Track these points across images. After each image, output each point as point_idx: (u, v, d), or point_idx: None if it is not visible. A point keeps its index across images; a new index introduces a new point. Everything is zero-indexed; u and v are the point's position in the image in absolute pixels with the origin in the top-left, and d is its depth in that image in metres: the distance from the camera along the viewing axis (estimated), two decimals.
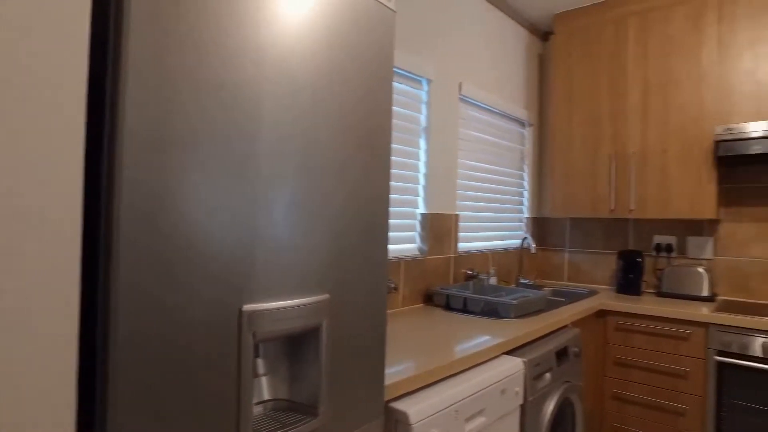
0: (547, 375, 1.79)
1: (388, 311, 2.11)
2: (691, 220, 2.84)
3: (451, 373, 1.44)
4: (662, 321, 2.40)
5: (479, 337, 1.70)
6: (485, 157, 2.85)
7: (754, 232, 2.68)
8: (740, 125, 2.36)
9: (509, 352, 1.72)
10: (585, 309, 2.35)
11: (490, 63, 2.84)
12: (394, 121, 2.19)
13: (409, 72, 2.23)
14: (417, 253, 2.34)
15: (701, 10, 2.57)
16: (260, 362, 1.00)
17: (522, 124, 3.25)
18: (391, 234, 2.19)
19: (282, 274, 0.91)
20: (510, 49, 3.04)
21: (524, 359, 1.67)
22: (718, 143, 2.42)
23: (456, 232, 2.54)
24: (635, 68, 2.75)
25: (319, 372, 0.99)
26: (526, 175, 3.29)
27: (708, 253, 2.80)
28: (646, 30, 2.73)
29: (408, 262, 2.23)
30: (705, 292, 2.64)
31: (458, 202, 2.60)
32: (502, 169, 3.01)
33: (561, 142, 3.00)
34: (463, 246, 2.65)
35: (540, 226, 3.42)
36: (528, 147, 3.30)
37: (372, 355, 1.13)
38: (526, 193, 3.29)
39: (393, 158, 2.19)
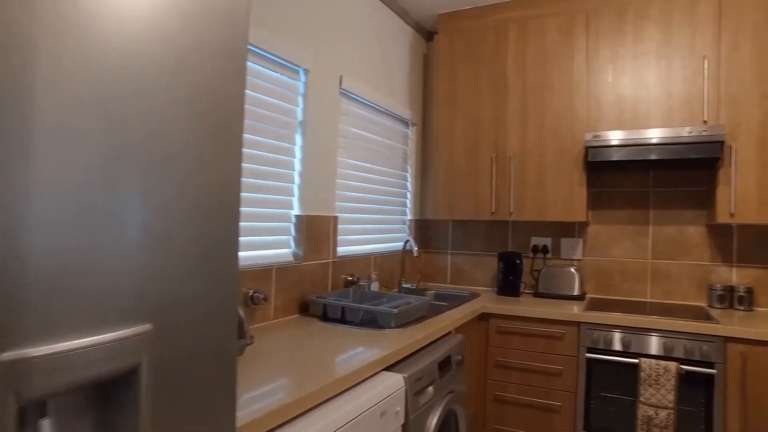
0: (430, 389, 1.67)
1: (257, 325, 1.86)
2: (565, 222, 2.94)
3: (325, 398, 1.25)
4: (539, 322, 2.43)
5: (358, 351, 1.53)
6: (367, 156, 2.71)
7: (616, 233, 2.84)
8: (605, 133, 2.47)
9: (390, 367, 1.57)
10: (468, 313, 2.30)
11: (373, 58, 2.70)
12: (266, 113, 1.95)
13: (285, 60, 2.00)
14: (291, 258, 2.11)
15: (572, 23, 2.66)
16: (46, 424, 0.72)
17: (406, 123, 3.17)
18: (261, 238, 1.95)
19: (72, 301, 0.65)
20: (394, 46, 2.94)
21: (405, 375, 1.53)
22: (587, 149, 2.51)
23: (335, 235, 2.36)
24: (515, 73, 2.79)
25: (136, 427, 0.74)
26: (409, 176, 3.22)
27: (578, 253, 2.93)
28: (524, 37, 2.77)
29: (281, 269, 2.00)
30: (576, 292, 2.74)
31: (338, 204, 2.42)
32: (384, 169, 2.89)
33: (444, 143, 2.96)
34: (342, 250, 2.48)
35: (423, 228, 3.37)
36: (411, 147, 3.22)
37: (218, 394, 0.90)
38: (409, 195, 3.22)
39: (264, 154, 1.95)
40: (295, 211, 2.14)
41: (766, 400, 2.05)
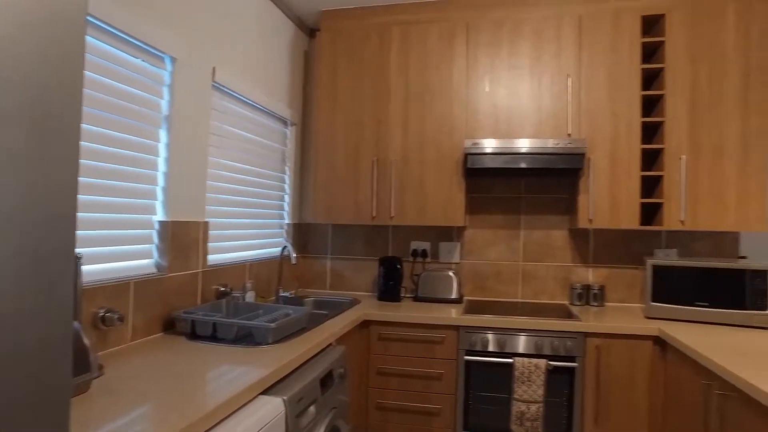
0: (312, 408, 1.56)
1: (111, 350, 1.60)
2: (443, 226, 3.01)
3: None
4: (420, 327, 2.43)
5: (232, 375, 1.37)
6: (242, 156, 2.51)
7: (491, 237, 2.97)
8: (481, 141, 2.55)
9: (269, 389, 1.43)
10: (349, 322, 2.22)
11: (251, 51, 2.51)
12: (124, 103, 1.69)
13: (148, 45, 1.75)
14: (154, 270, 1.86)
15: (453, 32, 2.73)
16: None
17: (284, 122, 3.02)
18: (117, 249, 1.68)
19: None
20: (274, 41, 2.77)
21: (285, 397, 1.40)
22: (466, 156, 2.58)
23: (205, 242, 2.14)
24: (397, 76, 2.78)
25: None
26: (287, 178, 3.06)
27: (456, 257, 3.01)
28: (407, 41, 2.78)
29: (141, 283, 1.75)
30: (454, 295, 2.80)
31: (209, 208, 2.20)
32: (261, 170, 2.71)
33: (324, 145, 2.86)
34: (214, 258, 2.26)
35: (301, 233, 3.24)
36: (290, 148, 3.07)
37: None
38: (287, 198, 3.07)
39: (121, 152, 1.68)
40: (159, 216, 1.89)
41: (615, 385, 2.26)
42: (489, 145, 2.54)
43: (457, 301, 2.79)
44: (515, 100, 2.65)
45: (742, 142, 2.44)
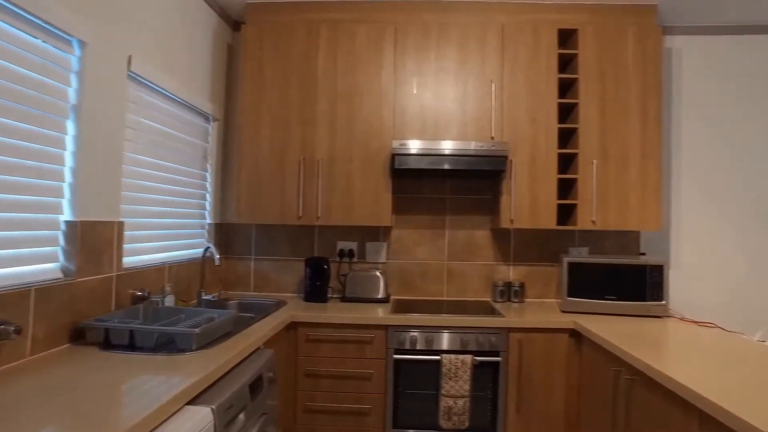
0: (242, 416, 1.49)
1: (4, 368, 1.43)
2: (371, 226, 3.01)
3: None
4: (349, 327, 2.42)
5: (153, 385, 1.27)
6: (162, 153, 2.36)
7: (417, 237, 3.02)
8: (408, 142, 2.59)
9: (196, 398, 1.35)
10: (277, 324, 2.16)
11: (171, 42, 2.36)
12: (22, 89, 1.52)
13: (52, 25, 1.59)
14: (60, 275, 1.69)
15: (381, 33, 2.74)
16: None
17: (206, 118, 2.87)
18: (14, 252, 1.51)
19: None
20: (196, 31, 2.63)
21: (213, 406, 1.32)
22: (394, 156, 2.60)
23: (120, 243, 1.98)
24: (325, 75, 2.75)
25: None
26: (209, 176, 2.92)
27: (383, 257, 3.02)
28: (335, 39, 2.75)
29: (44, 290, 1.58)
30: (381, 295, 2.81)
31: (124, 207, 2.04)
32: (181, 167, 2.57)
33: (249, 143, 2.76)
34: (130, 261, 2.10)
35: (224, 233, 3.10)
36: (212, 145, 2.94)
37: None
38: (209, 197, 2.92)
39: (19, 144, 1.51)
40: (66, 216, 1.72)
41: (535, 376, 2.38)
42: (415, 146, 2.58)
43: (384, 300, 2.81)
44: (442, 103, 2.71)
45: (642, 150, 2.67)
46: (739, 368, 1.60)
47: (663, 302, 2.46)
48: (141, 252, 2.20)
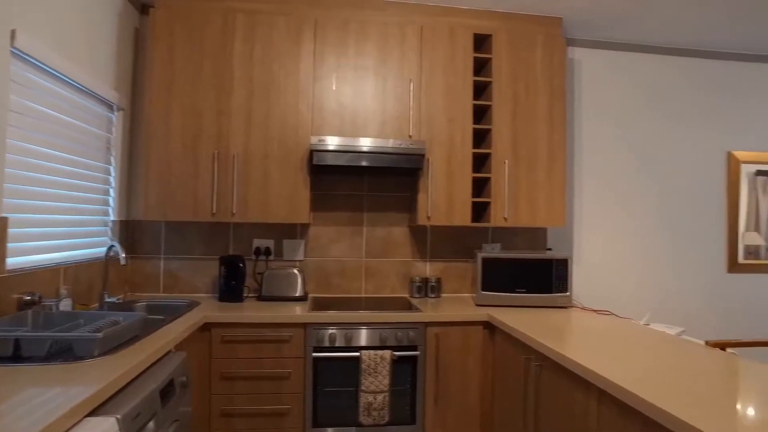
0: (151, 424, 1.39)
1: None
2: (288, 223, 2.95)
3: None
4: (266, 327, 2.35)
5: (45, 400, 1.15)
6: (56, 142, 2.14)
7: (335, 234, 3.00)
8: (327, 138, 2.56)
9: (99, 408, 1.24)
10: (190, 326, 2.04)
11: (66, 18, 2.15)
12: None
13: None
14: None
15: (300, 26, 2.68)
16: None
17: (110, 107, 2.66)
18: None
19: None
20: (97, 11, 2.41)
21: (119, 415, 1.22)
22: (312, 152, 2.56)
23: (3, 242, 1.78)
24: (241, 66, 2.65)
25: None
26: (113, 170, 2.71)
27: (300, 254, 2.97)
28: (253, 30, 2.65)
29: None
30: (299, 293, 2.77)
31: (7, 201, 1.83)
32: (80, 159, 2.35)
33: (157, 135, 2.59)
34: (16, 261, 1.88)
35: (130, 231, 2.89)
36: (117, 136, 2.73)
37: None
38: (112, 192, 2.71)
39: None
40: None
41: (452, 368, 2.46)
42: (334, 142, 2.57)
43: (302, 298, 2.76)
44: (361, 100, 2.71)
45: (549, 152, 2.84)
46: (628, 348, 1.75)
47: (567, 294, 2.64)
48: (31, 252, 1.99)
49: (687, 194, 3.42)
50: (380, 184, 3.05)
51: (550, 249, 3.18)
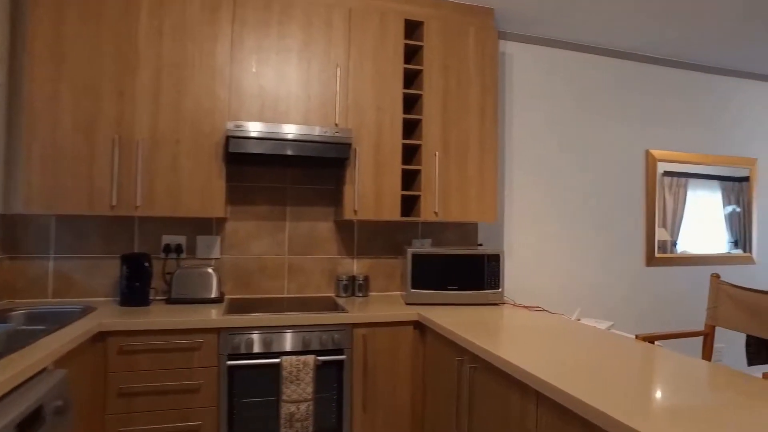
0: None
1: None
2: (201, 218, 2.68)
3: None
4: (173, 334, 2.08)
5: None
6: None
7: (255, 230, 2.76)
8: (246, 123, 2.33)
9: None
10: (77, 336, 1.74)
11: None
12: None
13: None
14: None
15: (217, 3, 2.42)
16: None
17: None
18: None
19: None
20: None
21: None
22: (228, 139, 2.32)
23: None
24: (148, 42, 2.34)
25: None
26: None
27: (216, 252, 2.71)
28: (162, 4, 2.35)
29: None
30: (214, 294, 2.51)
31: None
32: None
33: (44, 116, 2.23)
34: None
35: (8, 227, 2.49)
36: None
37: None
38: None
39: None
40: None
41: (381, 372, 2.31)
42: (254, 128, 2.34)
43: (218, 300, 2.50)
44: (284, 85, 2.50)
45: (480, 145, 2.77)
46: (563, 346, 1.69)
47: (499, 290, 2.58)
48: None
49: (612, 190, 3.50)
50: (304, 175, 2.84)
51: (481, 244, 3.12)
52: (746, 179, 3.93)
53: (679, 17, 2.98)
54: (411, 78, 2.85)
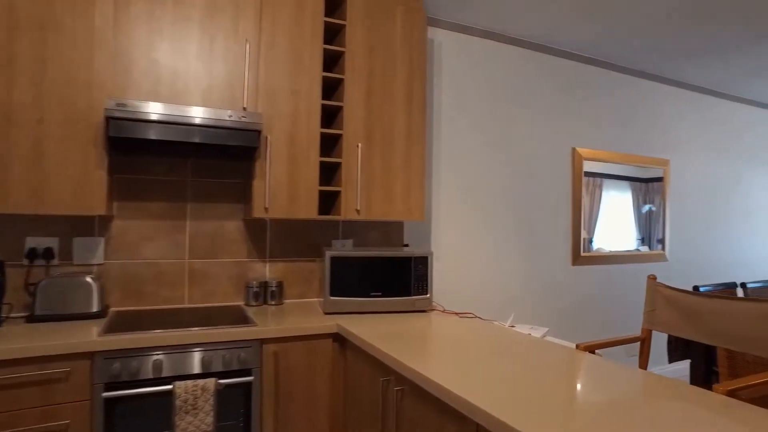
0: None
1: None
2: (80, 216, 2.23)
3: None
4: (30, 363, 1.65)
5: None
6: None
7: (149, 230, 2.36)
8: (136, 103, 1.94)
9: None
10: None
11: None
12: None
13: None
14: None
15: None
16: None
17: None
18: None
19: None
20: None
21: None
22: (109, 120, 1.91)
23: None
24: None
25: None
26: None
27: (98, 257, 2.27)
28: None
29: None
30: (95, 308, 2.08)
31: None
32: None
33: None
34: None
35: None
36: None
37: None
38: None
39: None
40: None
41: (296, 393, 2.02)
42: (140, 109, 1.95)
43: (99, 315, 2.08)
44: (181, 60, 2.12)
45: (407, 136, 2.55)
46: (501, 362, 1.49)
47: (427, 295, 2.36)
48: None
49: (540, 187, 3.43)
50: (208, 167, 2.47)
51: (407, 245, 2.90)
52: (660, 179, 4.04)
53: (602, 15, 2.93)
54: (332, 61, 2.57)
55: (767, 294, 3.79)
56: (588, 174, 3.65)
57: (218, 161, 2.48)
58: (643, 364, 2.09)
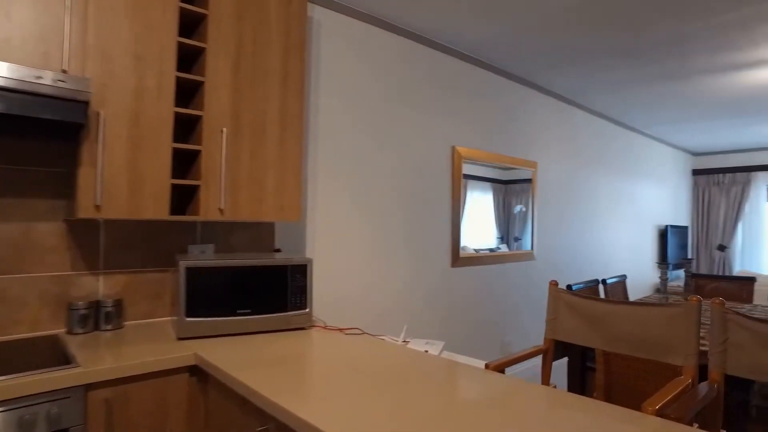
0: None
1: None
2: None
3: None
4: None
5: None
6: None
7: None
8: None
9: None
10: None
11: None
12: None
13: None
14: None
15: None
16: None
17: None
18: None
19: None
20: None
21: None
22: None
23: None
24: None
25: None
26: None
27: None
28: None
29: None
30: None
31: None
32: None
33: None
34: None
35: None
36: None
37: None
38: None
39: None
40: None
41: None
42: None
43: None
44: None
45: (281, 122, 2.18)
46: (401, 392, 1.22)
47: (307, 310, 2.01)
48: None
49: (421, 185, 3.25)
50: (13, 149, 1.84)
51: (279, 250, 2.51)
52: (529, 181, 4.16)
53: (489, 16, 2.85)
54: (193, 26, 2.09)
55: (621, 288, 4.11)
56: (467, 176, 3.59)
57: (27, 141, 1.86)
58: (546, 375, 1.99)
